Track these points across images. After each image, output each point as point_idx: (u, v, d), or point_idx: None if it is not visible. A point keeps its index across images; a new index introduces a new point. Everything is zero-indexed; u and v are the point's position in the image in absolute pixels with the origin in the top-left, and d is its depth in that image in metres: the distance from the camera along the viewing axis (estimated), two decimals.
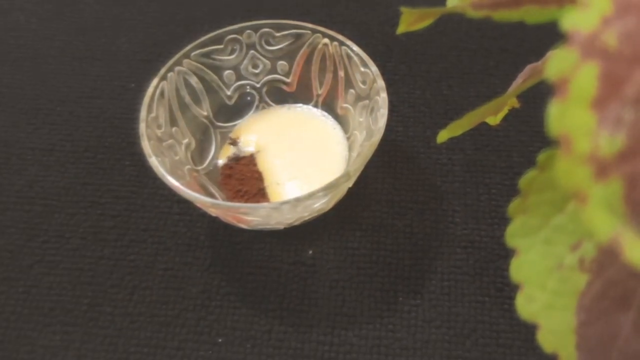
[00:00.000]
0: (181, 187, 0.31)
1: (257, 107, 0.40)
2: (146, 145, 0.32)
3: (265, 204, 0.31)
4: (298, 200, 0.30)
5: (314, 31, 0.37)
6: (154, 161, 0.31)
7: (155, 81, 0.35)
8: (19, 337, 0.34)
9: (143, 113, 0.34)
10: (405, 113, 0.41)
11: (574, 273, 0.20)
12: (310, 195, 0.30)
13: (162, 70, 0.36)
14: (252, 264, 0.35)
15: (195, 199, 0.30)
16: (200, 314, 0.34)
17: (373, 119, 0.34)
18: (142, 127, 0.33)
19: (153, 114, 0.34)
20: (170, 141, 0.35)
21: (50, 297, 0.35)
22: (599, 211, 0.13)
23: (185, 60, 0.37)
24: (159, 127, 0.35)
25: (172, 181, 0.31)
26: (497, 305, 0.34)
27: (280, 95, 0.40)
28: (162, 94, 0.35)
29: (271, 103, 0.40)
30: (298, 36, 0.37)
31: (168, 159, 0.34)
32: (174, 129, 0.36)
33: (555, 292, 0.20)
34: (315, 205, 0.32)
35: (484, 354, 0.32)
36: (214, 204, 0.31)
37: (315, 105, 0.39)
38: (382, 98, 0.34)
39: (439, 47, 0.44)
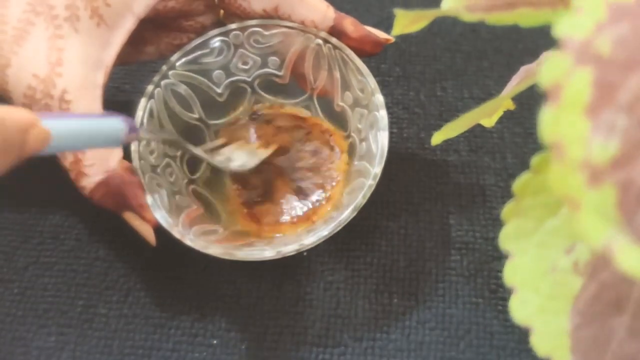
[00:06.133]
0: (197, 241, 0.31)
1: (250, 100, 0.38)
2: (148, 199, 0.32)
3: (271, 253, 0.30)
4: (302, 246, 0.30)
5: (305, 31, 0.35)
6: (158, 215, 0.31)
7: (143, 101, 0.34)
8: (14, 339, 0.34)
9: (134, 145, 0.33)
10: (400, 115, 0.41)
11: (568, 276, 0.20)
12: (318, 238, 0.31)
13: (149, 88, 0.34)
14: (247, 265, 0.35)
15: (208, 250, 0.31)
16: (194, 316, 0.34)
17: (373, 137, 0.33)
18: (135, 159, 0.32)
19: (144, 141, 0.33)
20: (165, 161, 0.34)
21: (45, 299, 0.35)
22: (591, 218, 0.13)
23: (171, 72, 0.35)
24: (152, 152, 0.34)
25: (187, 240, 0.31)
26: (491, 307, 0.34)
27: (273, 88, 0.38)
28: (151, 113, 0.34)
29: (264, 95, 0.39)
30: (288, 35, 0.36)
31: (165, 189, 0.33)
32: (166, 145, 0.35)
33: (549, 296, 0.20)
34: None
35: (478, 355, 0.32)
36: (224, 253, 0.31)
37: (310, 98, 0.38)
38: (382, 115, 0.33)
39: (433, 48, 0.44)
